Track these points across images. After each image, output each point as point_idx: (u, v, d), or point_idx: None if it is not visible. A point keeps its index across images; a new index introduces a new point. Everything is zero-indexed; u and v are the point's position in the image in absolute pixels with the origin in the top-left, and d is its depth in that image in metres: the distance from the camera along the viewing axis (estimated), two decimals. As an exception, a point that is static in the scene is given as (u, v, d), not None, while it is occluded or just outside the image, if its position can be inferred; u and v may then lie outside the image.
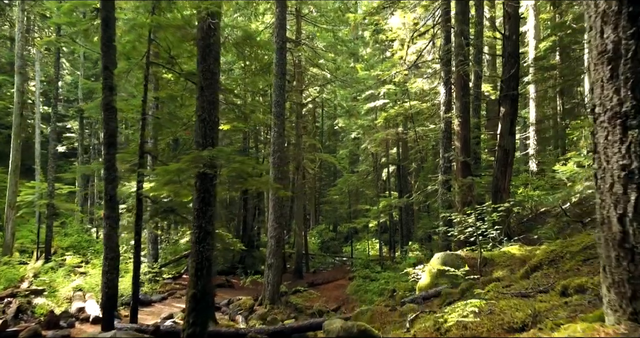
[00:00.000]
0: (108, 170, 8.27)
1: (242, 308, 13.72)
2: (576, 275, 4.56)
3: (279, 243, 14.53)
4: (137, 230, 9.07)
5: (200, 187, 6.90)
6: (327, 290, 18.73)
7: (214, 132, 7.05)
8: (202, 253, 6.78)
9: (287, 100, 20.30)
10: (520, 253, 8.21)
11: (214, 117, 7.06)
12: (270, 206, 14.44)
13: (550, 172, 22.85)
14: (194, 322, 6.58)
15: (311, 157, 24.76)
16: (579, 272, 4.69)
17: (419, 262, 19.17)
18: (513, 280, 6.16)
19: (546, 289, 4.14)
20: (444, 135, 13.57)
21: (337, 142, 40.53)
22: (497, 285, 5.23)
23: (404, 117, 22.12)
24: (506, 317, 3.25)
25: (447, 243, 12.73)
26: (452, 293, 7.09)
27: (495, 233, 9.34)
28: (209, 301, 6.89)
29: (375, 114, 24.76)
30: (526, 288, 4.48)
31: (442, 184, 13.20)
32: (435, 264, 8.75)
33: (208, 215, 6.90)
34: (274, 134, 14.49)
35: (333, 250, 31.78)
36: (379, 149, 25.67)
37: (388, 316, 7.13)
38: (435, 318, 4.07)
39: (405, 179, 25.54)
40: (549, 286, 4.23)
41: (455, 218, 9.31)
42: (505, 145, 12.20)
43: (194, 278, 6.72)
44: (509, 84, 11.94)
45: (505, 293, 4.48)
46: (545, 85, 22.94)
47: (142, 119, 9.28)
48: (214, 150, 6.50)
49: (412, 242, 25.23)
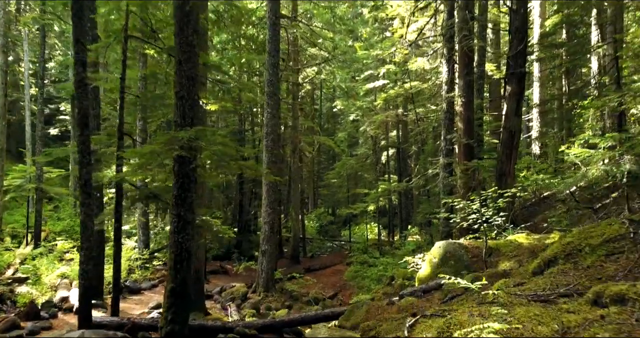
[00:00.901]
0: (82, 153, 7.62)
1: (234, 296, 13.23)
2: (601, 274, 3.96)
3: (273, 229, 13.98)
4: (116, 217, 8.48)
5: (178, 172, 6.27)
6: (324, 276, 18.27)
7: (194, 111, 6.38)
8: (182, 244, 6.18)
9: (282, 80, 19.54)
10: (528, 242, 7.63)
11: (194, 94, 6.39)
12: (264, 191, 13.84)
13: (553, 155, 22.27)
14: (173, 319, 6.02)
15: (308, 140, 24.08)
16: (604, 270, 4.08)
17: (419, 247, 18.71)
18: (524, 275, 5.57)
19: (569, 292, 3.54)
20: (445, 116, 12.86)
21: (336, 125, 39.80)
22: (506, 282, 4.63)
23: (404, 98, 21.37)
24: (526, 331, 2.65)
25: (449, 229, 12.15)
26: (455, 287, 6.51)
27: (500, 220, 8.74)
28: (190, 295, 6.31)
29: (375, 95, 23.98)
30: (543, 289, 3.88)
31: (444, 168, 12.56)
32: (436, 254, 8.18)
33: (188, 202, 6.29)
34: (267, 115, 13.80)
35: (331, 234, 31.35)
36: (378, 132, 24.97)
37: (385, 312, 6.57)
38: (440, 329, 3.47)
39: (405, 162, 24.90)
40: (572, 288, 3.63)
41: (458, 204, 8.70)
42: (510, 127, 11.52)
43: (173, 271, 6.14)
44: (515, 61, 11.20)
45: (519, 295, 3.88)
46: (550, 65, 22.13)
47: (120, 98, 8.58)
48: (191, 130, 5.84)
49: (412, 226, 24.74)
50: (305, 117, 27.18)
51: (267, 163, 13.76)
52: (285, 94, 24.85)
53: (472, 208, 8.15)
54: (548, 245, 6.87)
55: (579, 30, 21.42)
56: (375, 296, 13.25)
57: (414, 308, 6.38)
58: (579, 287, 3.67)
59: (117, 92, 9.70)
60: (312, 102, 32.77)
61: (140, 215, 16.55)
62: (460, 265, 7.68)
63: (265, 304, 13.14)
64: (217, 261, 22.11)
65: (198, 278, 10.84)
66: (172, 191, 7.62)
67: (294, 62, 20.82)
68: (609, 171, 6.93)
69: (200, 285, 10.89)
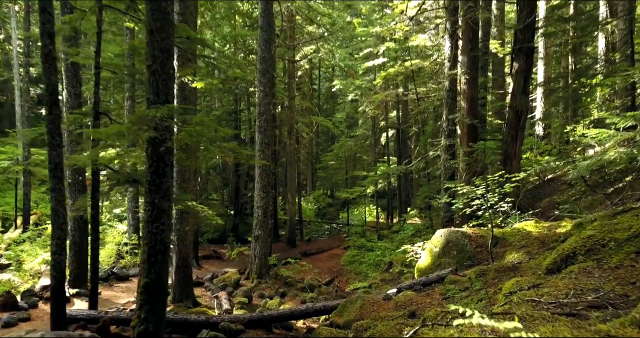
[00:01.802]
0: (51, 134, 6.96)
1: (226, 283, 12.72)
2: (635, 278, 3.35)
3: (267, 213, 13.40)
4: (93, 203, 7.84)
5: (152, 155, 5.61)
6: (320, 261, 17.79)
7: (169, 87, 5.70)
8: (156, 235, 5.57)
9: (277, 57, 18.72)
10: (537, 231, 7.03)
11: (168, 68, 5.69)
12: (257, 174, 13.21)
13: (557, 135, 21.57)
14: (147, 318, 5.45)
15: (306, 120, 23.35)
16: (637, 272, 3.47)
17: (418, 231, 18.20)
18: (536, 272, 4.98)
19: (600, 302, 2.93)
20: (448, 95, 12.13)
21: (335, 105, 38.98)
22: (519, 282, 4.03)
23: (405, 77, 20.56)
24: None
25: (450, 214, 11.57)
26: (458, 281, 5.94)
27: (506, 206, 8.14)
28: (166, 291, 5.73)
29: (374, 74, 23.14)
30: (566, 295, 3.28)
31: (445, 149, 11.90)
32: (437, 242, 7.60)
33: (163, 188, 5.65)
34: (260, 93, 13.07)
35: (329, 216, 30.86)
36: (377, 112, 24.21)
37: (381, 308, 6.01)
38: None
39: (405, 144, 24.21)
40: (602, 297, 3.02)
41: (460, 189, 8.07)
42: (517, 106, 10.83)
43: (147, 265, 5.55)
44: (524, 35, 10.44)
45: (538, 303, 3.28)
46: (556, 41, 21.25)
47: (96, 74, 7.85)
48: (164, 108, 5.17)
49: (411, 208, 24.20)
50: (303, 97, 26.37)
51: (261, 144, 13.10)
52: (282, 73, 24.02)
53: (477, 193, 7.54)
54: (561, 235, 6.28)
55: (586, 6, 20.55)
56: (373, 283, 12.81)
57: (413, 305, 5.82)
58: (611, 295, 3.07)
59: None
60: (310, 81, 31.88)
61: (130, 199, 15.96)
62: (463, 256, 7.11)
63: (258, 291, 12.65)
64: (212, 245, 21.67)
65: (186, 266, 10.30)
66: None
67: (289, 39, 19.94)
68: (628, 153, 6.28)
69: (188, 273, 10.35)
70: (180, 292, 10.21)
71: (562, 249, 4.61)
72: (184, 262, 10.26)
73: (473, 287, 5.53)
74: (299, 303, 12.17)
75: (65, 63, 10.89)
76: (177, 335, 7.45)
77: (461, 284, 5.80)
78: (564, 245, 4.76)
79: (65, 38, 10.47)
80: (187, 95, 10.21)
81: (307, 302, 12.20)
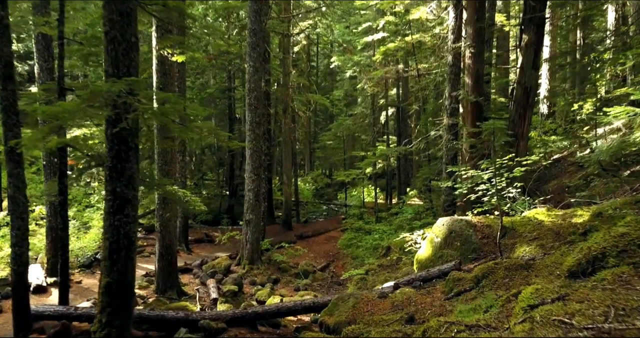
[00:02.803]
0: (6, 112, 6.20)
1: (216, 269, 12.11)
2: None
3: (258, 196, 12.71)
4: (60, 188, 7.14)
5: (112, 137, 4.86)
6: (316, 244, 17.21)
7: (131, 57, 4.91)
8: (119, 229, 4.88)
9: (270, 30, 17.75)
10: (549, 220, 6.33)
11: (130, 35, 4.89)
12: (247, 155, 12.47)
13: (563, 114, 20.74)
14: (109, 323, 4.80)
15: (302, 98, 22.48)
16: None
17: (417, 214, 17.54)
18: (554, 272, 4.29)
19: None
20: (451, 70, 11.29)
21: (334, 83, 37.95)
22: (539, 291, 3.33)
23: (405, 53, 19.59)
24: None
25: (452, 198, 10.89)
26: (463, 280, 5.26)
27: (514, 192, 7.44)
28: (132, 292, 5.06)
29: (374, 50, 22.15)
30: (606, 318, 2.58)
31: (448, 129, 11.13)
32: (439, 232, 6.91)
33: (126, 175, 4.92)
34: (250, 69, 12.21)
35: (327, 197, 30.27)
36: (377, 89, 23.31)
37: (376, 308, 5.36)
38: None
39: (405, 122, 23.38)
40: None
41: (465, 173, 7.35)
42: (526, 82, 10.03)
43: (108, 262, 4.86)
44: (535, 4, 9.56)
45: (570, 326, 2.59)
46: (563, 14, 20.24)
47: (59, 46, 7.04)
48: (120, 82, 4.40)
49: (411, 188, 23.54)
50: (300, 74, 25.39)
51: (251, 123, 12.32)
52: (278, 49, 23.02)
53: (483, 178, 6.82)
54: (578, 227, 5.58)
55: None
56: (370, 269, 12.21)
57: (412, 306, 5.16)
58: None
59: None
60: (307, 58, 30.81)
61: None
62: (467, 248, 6.44)
63: (249, 278, 12.07)
64: (206, 226, 21.07)
65: (170, 253, 9.66)
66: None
67: (284, 11, 18.91)
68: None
69: (172, 261, 9.72)
70: (164, 281, 9.61)
71: (587, 248, 3.91)
72: (167, 249, 9.62)
73: (480, 287, 4.86)
74: (292, 291, 11.61)
75: (36, 35, 10.03)
76: (154, 332, 6.85)
77: (466, 283, 5.13)
78: (588, 243, 4.05)
79: (34, 6, 9.60)
80: (168, 70, 9.38)
81: (301, 289, 11.66)
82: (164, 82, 9.32)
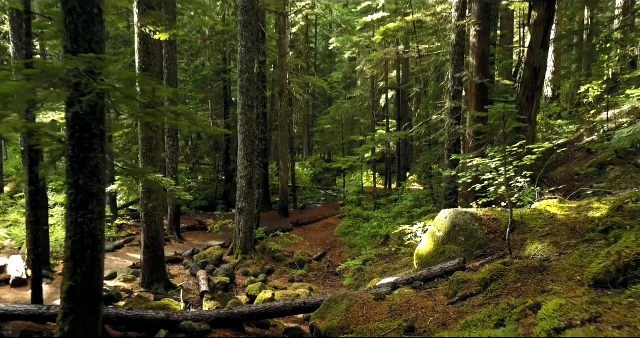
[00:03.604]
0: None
1: (208, 260, 11.64)
2: None
3: (251, 183, 12.16)
4: (30, 178, 6.60)
5: (73, 123, 4.28)
6: (313, 231, 16.74)
7: (93, 31, 4.29)
8: (83, 227, 4.33)
9: (265, 9, 16.98)
10: (563, 213, 5.78)
11: (92, 6, 4.26)
12: (239, 140, 11.87)
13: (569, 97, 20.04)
14: (73, 332, 4.28)
15: (299, 80, 21.75)
16: None
17: (417, 200, 17.00)
18: (576, 279, 3.75)
19: None
20: (454, 50, 10.60)
21: (333, 65, 37.08)
22: (564, 309, 2.79)
23: (406, 33, 18.80)
24: None
25: (454, 186, 10.33)
26: (469, 282, 4.74)
27: (523, 181, 6.88)
28: (100, 297, 4.53)
29: (373, 31, 21.33)
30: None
31: (450, 113, 10.49)
32: (441, 226, 6.37)
33: (90, 166, 4.35)
34: (242, 49, 11.53)
35: (326, 182, 29.71)
36: (376, 72, 22.54)
37: (372, 312, 4.85)
38: None
39: (405, 106, 22.69)
40: None
41: (470, 162, 6.77)
42: (535, 62, 9.37)
43: (71, 263, 4.33)
44: (547, -23, 8.85)
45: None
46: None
47: (26, 21, 6.39)
48: (75, 59, 3.80)
49: (410, 173, 23.00)
50: (299, 56, 24.56)
51: (243, 107, 11.69)
52: (274, 30, 22.19)
53: (491, 167, 6.26)
54: (596, 222, 5.03)
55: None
56: (368, 259, 11.74)
57: (411, 311, 4.65)
58: None
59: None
60: (306, 39, 29.98)
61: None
62: (472, 244, 5.90)
63: (242, 269, 11.61)
64: (201, 212, 20.59)
65: (156, 245, 9.15)
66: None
67: (279, -12, 18.08)
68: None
69: (159, 253, 9.21)
70: (150, 274, 9.12)
71: (616, 253, 3.36)
72: (153, 240, 9.10)
73: (488, 292, 4.34)
74: (286, 282, 11.15)
75: (10, 12, 9.34)
76: (133, 333, 6.37)
77: (472, 286, 4.61)
78: (617, 246, 3.50)
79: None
80: (151, 50, 8.73)
81: (296, 281, 11.20)
82: (147, 63, 8.68)
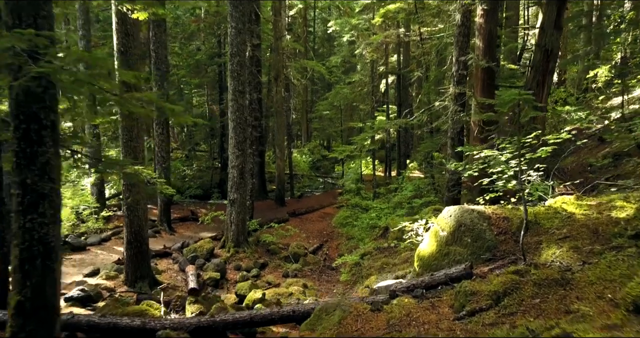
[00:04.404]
0: None
1: (198, 253, 11.10)
2: None
3: (243, 174, 11.55)
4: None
5: (18, 112, 3.66)
6: (310, 222, 16.18)
7: (39, 5, 3.64)
8: (32, 232, 3.74)
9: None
10: (582, 212, 5.18)
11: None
12: (230, 128, 11.24)
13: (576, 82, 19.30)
14: (22, 352, 3.74)
15: (296, 65, 21.00)
16: None
17: (418, 190, 16.41)
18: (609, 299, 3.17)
19: None
20: (459, 32, 9.88)
21: (332, 49, 36.12)
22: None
23: (406, 15, 17.99)
24: None
25: (457, 177, 9.72)
26: (478, 294, 4.15)
27: (535, 175, 6.26)
28: (53, 310, 3.96)
29: (373, 13, 20.50)
30: None
31: (454, 99, 9.83)
32: (445, 225, 5.77)
33: (39, 162, 3.75)
34: (232, 31, 10.82)
35: (324, 170, 29.08)
36: (376, 56, 21.76)
37: (367, 326, 4.28)
38: None
39: (406, 91, 21.94)
40: None
41: (477, 154, 6.15)
42: (547, 44, 8.70)
43: (19, 275, 3.75)
44: (562, -49, 8.11)
45: None
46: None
47: None
48: (11, 37, 3.18)
49: (411, 160, 22.38)
50: (297, 39, 23.74)
51: (233, 92, 11.02)
52: (271, 13, 21.33)
53: (501, 159, 5.64)
54: (623, 224, 4.43)
55: None
56: (366, 252, 11.19)
57: (412, 327, 4.08)
58: None
59: None
60: (304, 22, 29.08)
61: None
62: (479, 246, 5.31)
63: (234, 263, 11.08)
64: (196, 201, 20.03)
65: (139, 240, 8.59)
66: (77, 135, 5.19)
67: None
68: None
69: (143, 248, 8.66)
70: (134, 271, 8.57)
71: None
72: (136, 236, 8.53)
73: (501, 307, 3.75)
74: (280, 277, 10.62)
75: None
76: (107, 341, 5.83)
77: (482, 298, 4.02)
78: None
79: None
80: (130, 31, 8.03)
81: (290, 276, 10.67)
82: (125, 45, 8.01)
